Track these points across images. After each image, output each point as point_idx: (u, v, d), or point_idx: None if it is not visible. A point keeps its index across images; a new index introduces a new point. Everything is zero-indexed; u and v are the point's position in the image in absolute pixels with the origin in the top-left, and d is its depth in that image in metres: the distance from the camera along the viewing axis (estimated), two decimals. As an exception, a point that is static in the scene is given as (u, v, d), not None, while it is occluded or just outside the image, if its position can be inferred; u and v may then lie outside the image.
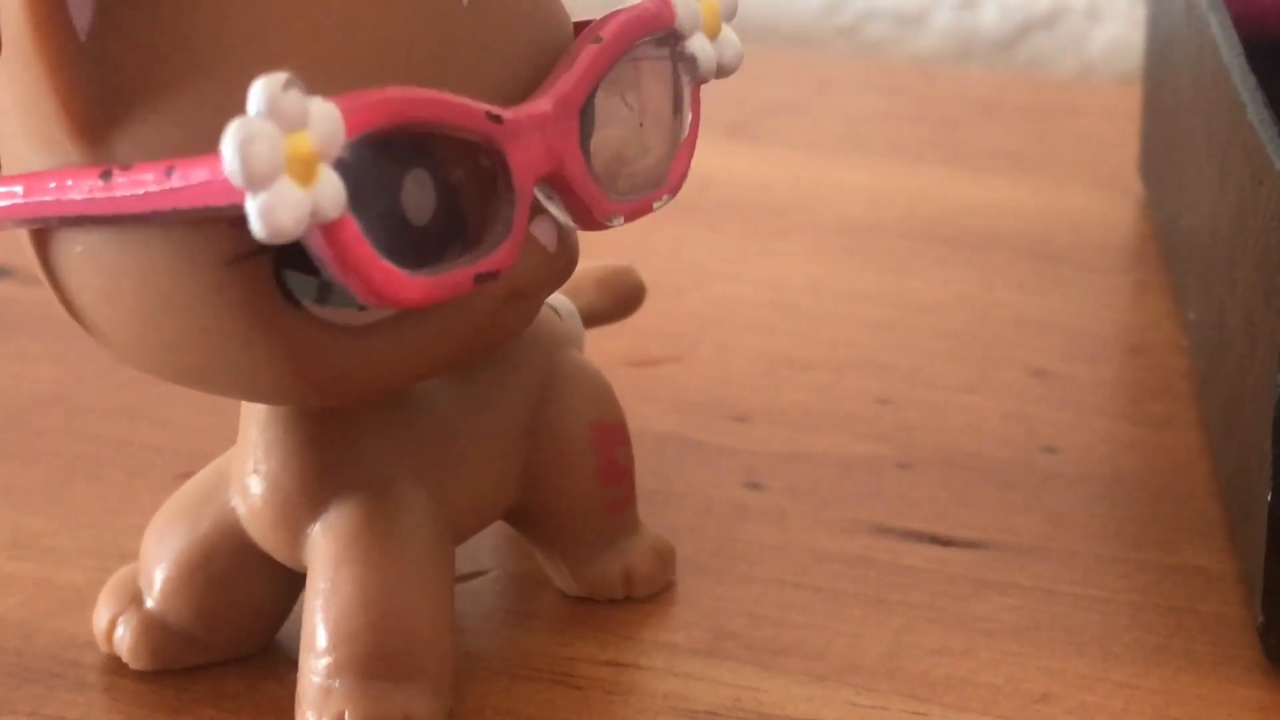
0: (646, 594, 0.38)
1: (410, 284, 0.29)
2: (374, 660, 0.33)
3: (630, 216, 0.32)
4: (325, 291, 0.29)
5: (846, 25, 0.76)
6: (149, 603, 0.35)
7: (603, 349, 0.43)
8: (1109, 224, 0.55)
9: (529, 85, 0.31)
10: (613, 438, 0.37)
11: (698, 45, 0.33)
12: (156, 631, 0.35)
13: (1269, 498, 0.34)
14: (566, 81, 0.31)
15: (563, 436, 0.36)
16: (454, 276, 0.29)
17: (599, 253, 0.40)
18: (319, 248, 0.28)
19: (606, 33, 0.31)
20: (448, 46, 0.30)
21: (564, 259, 0.32)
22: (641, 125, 0.33)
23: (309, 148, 0.27)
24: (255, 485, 0.34)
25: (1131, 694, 0.35)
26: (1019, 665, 0.36)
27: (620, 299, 0.43)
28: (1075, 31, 0.74)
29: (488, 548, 0.39)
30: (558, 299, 0.39)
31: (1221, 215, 0.40)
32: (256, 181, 0.26)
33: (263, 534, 0.34)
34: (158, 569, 0.35)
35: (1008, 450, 0.43)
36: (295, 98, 0.27)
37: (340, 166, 0.27)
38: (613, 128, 0.32)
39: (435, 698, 0.33)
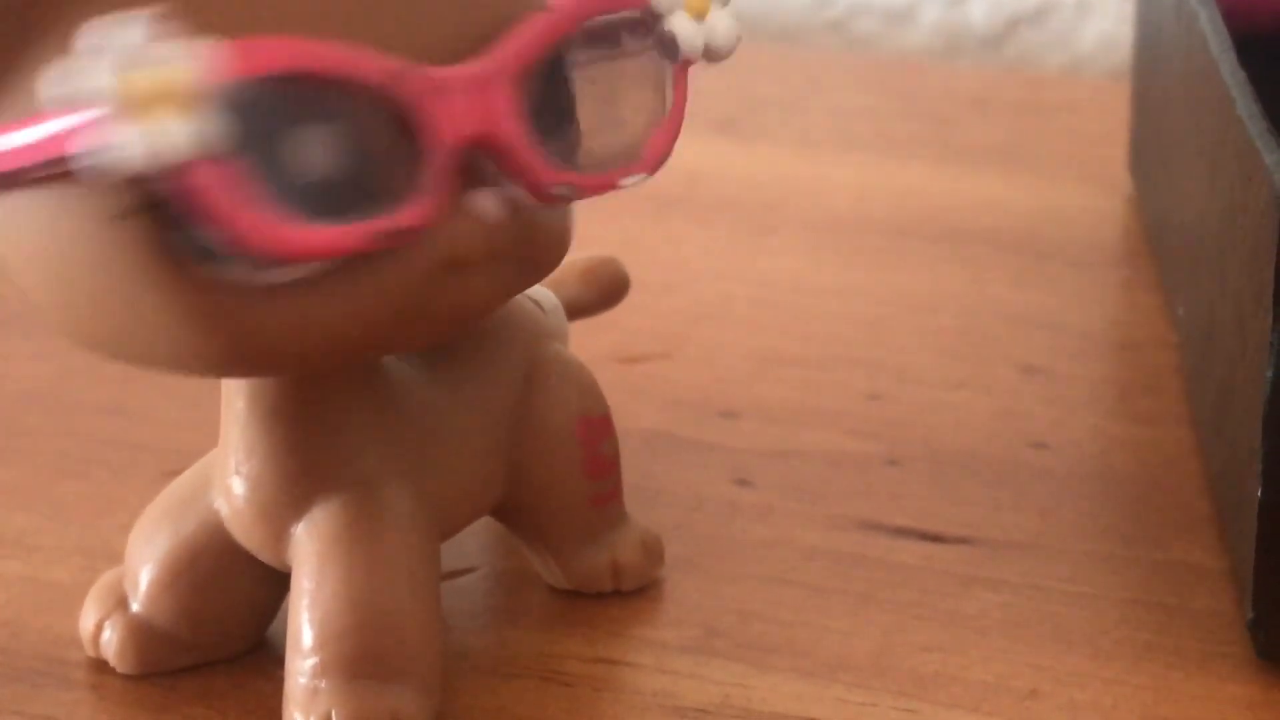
0: (635, 587, 0.37)
1: (294, 235, 0.28)
2: (360, 659, 0.32)
3: (591, 190, 0.32)
4: (208, 250, 0.29)
5: (835, 21, 0.76)
6: (135, 606, 0.35)
7: (590, 345, 0.42)
8: (1099, 220, 0.55)
9: (473, 47, 0.30)
10: (598, 431, 0.37)
11: (678, 25, 0.32)
12: (143, 634, 0.35)
13: (1259, 493, 0.34)
14: (507, 46, 0.30)
15: (547, 431, 0.36)
16: (353, 230, 0.29)
17: (586, 249, 0.40)
18: (204, 190, 0.27)
19: (559, 2, 0.31)
20: (377, 4, 0.29)
21: (519, 232, 0.31)
22: (612, 102, 0.32)
23: (190, 79, 0.26)
24: (238, 486, 0.34)
25: (1121, 690, 0.35)
26: (1008, 662, 0.36)
27: (604, 290, 0.42)
28: (1064, 27, 0.74)
29: (475, 545, 0.39)
30: (540, 292, 0.39)
31: (1211, 211, 0.40)
32: (133, 108, 0.26)
33: (246, 534, 0.34)
34: (143, 572, 0.35)
35: (997, 446, 0.43)
36: (143, 35, 0.26)
37: (234, 108, 0.27)
38: (567, 99, 0.32)
39: (423, 696, 0.33)
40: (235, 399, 0.33)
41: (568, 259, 0.34)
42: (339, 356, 0.31)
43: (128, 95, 0.26)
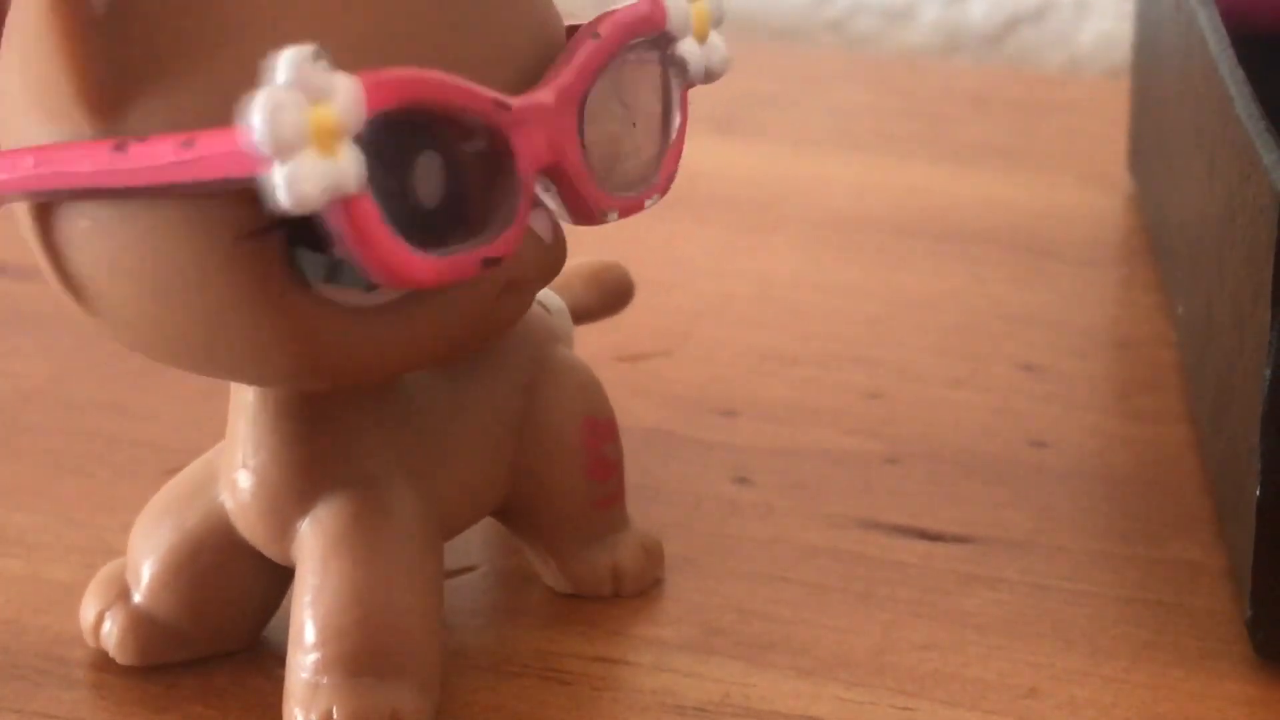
0: (635, 591, 0.37)
1: (420, 264, 0.29)
2: (362, 657, 0.32)
3: (624, 213, 0.33)
4: (334, 271, 0.30)
5: (835, 19, 0.76)
6: (136, 598, 0.35)
7: (591, 344, 0.43)
8: (1097, 218, 0.55)
9: (530, 78, 0.31)
10: (602, 433, 0.37)
11: (688, 49, 0.33)
12: (144, 627, 0.35)
13: (1257, 492, 0.34)
14: (567, 75, 0.31)
15: (551, 432, 0.36)
16: (461, 260, 0.29)
17: (588, 248, 0.40)
18: (336, 222, 0.28)
19: (604, 29, 0.32)
20: (459, 32, 0.30)
21: (558, 252, 0.32)
22: (635, 125, 0.33)
23: (334, 120, 0.27)
24: (243, 480, 0.34)
25: (1120, 688, 0.35)
26: (1007, 660, 0.36)
27: (609, 295, 0.43)
28: (1064, 25, 0.74)
29: (476, 543, 0.39)
30: (547, 295, 0.39)
31: (1210, 209, 0.40)
32: (282, 151, 0.27)
33: (251, 529, 0.34)
34: (145, 564, 0.35)
35: (996, 445, 0.43)
36: (322, 69, 0.27)
37: (358, 143, 0.27)
38: (607, 125, 0.32)
39: (422, 694, 0.33)
40: (244, 394, 0.34)
41: (574, 263, 0.35)
42: (406, 369, 0.33)
43: (277, 137, 0.27)
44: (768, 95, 0.66)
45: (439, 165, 0.30)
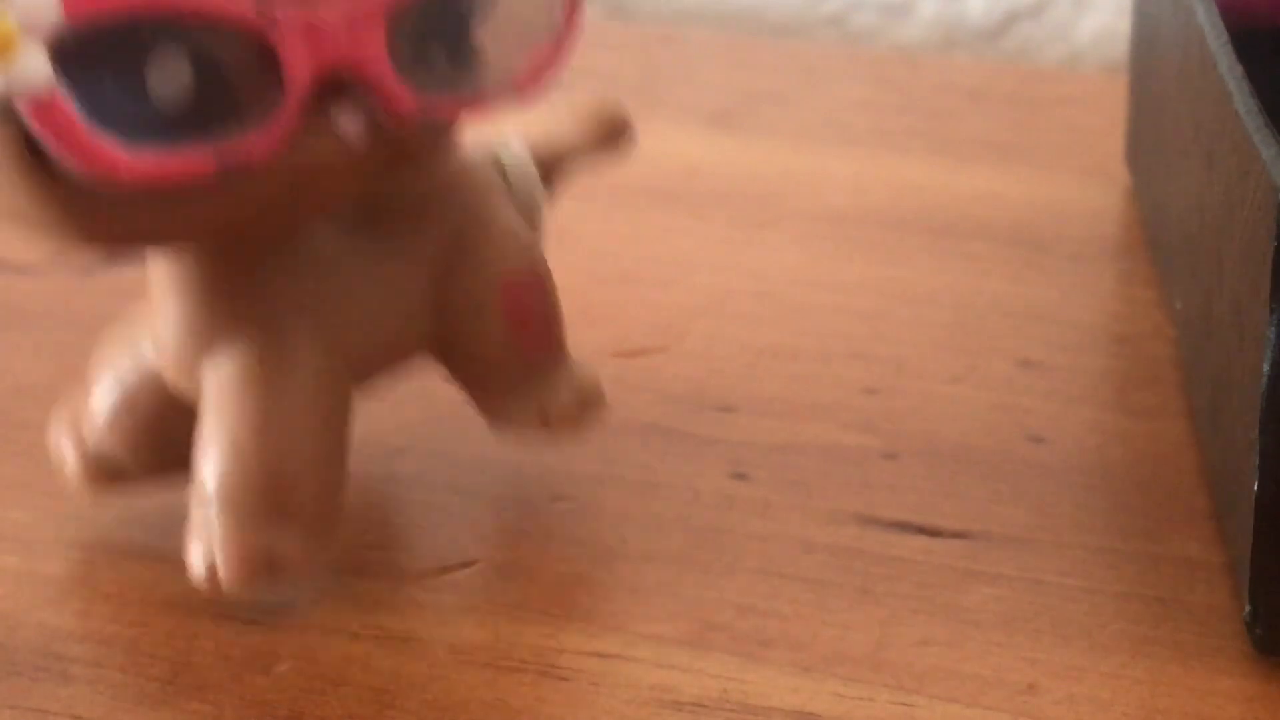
0: (568, 430, 0.38)
1: (128, 161, 0.30)
2: (249, 499, 0.34)
3: (453, 112, 0.34)
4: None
5: (833, 14, 0.76)
6: (89, 440, 0.38)
7: (588, 339, 0.43)
8: (1096, 213, 0.55)
9: None
10: (527, 289, 0.38)
11: None
12: (96, 465, 0.38)
13: (1255, 487, 0.34)
14: None
15: (472, 284, 0.37)
16: (187, 156, 0.31)
17: (585, 240, 0.40)
18: (33, 121, 0.29)
19: None
20: None
21: (386, 144, 0.33)
22: (497, 26, 0.34)
23: (8, 27, 0.29)
24: (159, 328, 0.36)
25: (1118, 684, 0.35)
26: (1006, 656, 0.36)
27: (604, 130, 0.42)
28: (1062, 20, 0.74)
29: (473, 537, 0.39)
30: (510, 156, 0.40)
31: (1208, 205, 0.40)
32: None
33: (168, 375, 0.36)
34: (96, 413, 0.38)
35: (994, 440, 0.43)
36: None
37: (64, 44, 0.29)
38: (464, 23, 0.34)
39: (310, 539, 0.34)
40: (158, 250, 0.35)
41: (568, 102, 0.36)
42: (209, 240, 0.34)
43: None
44: (766, 91, 0.66)
45: (184, 65, 0.31)
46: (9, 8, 0.29)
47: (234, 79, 0.31)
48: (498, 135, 0.40)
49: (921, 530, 0.40)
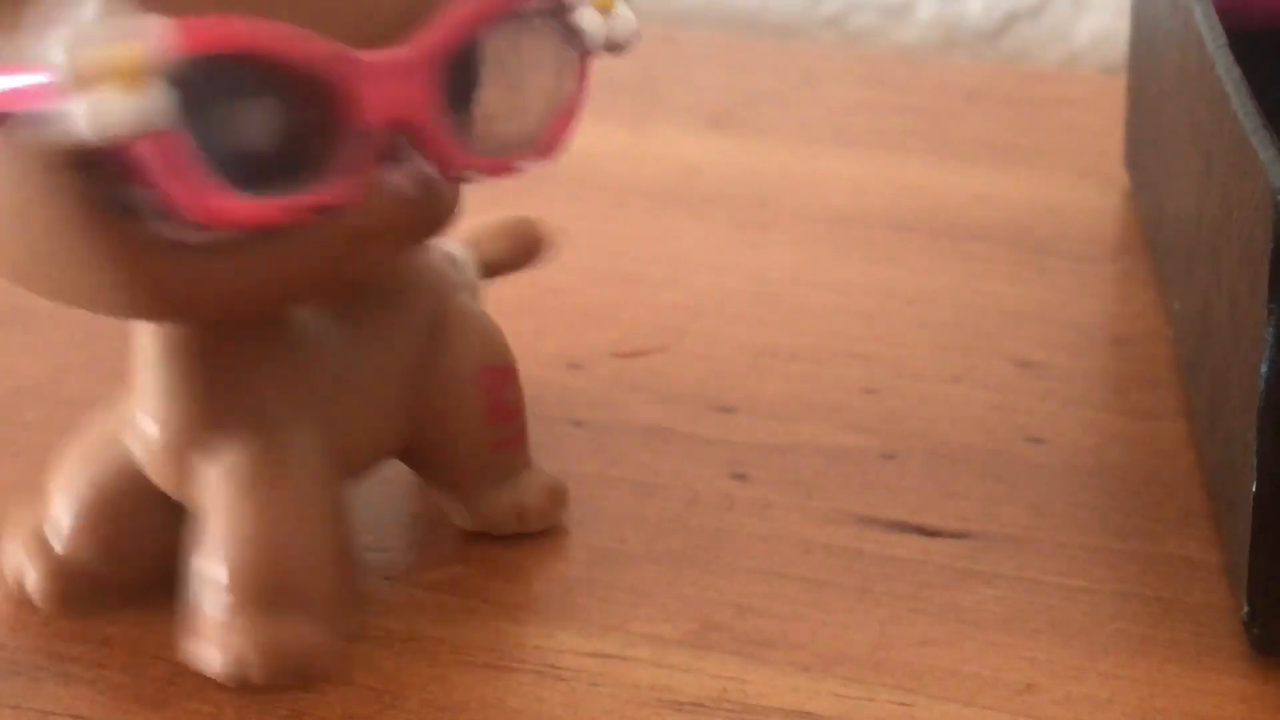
0: (539, 529, 0.38)
1: (233, 205, 0.30)
2: (270, 594, 0.34)
3: (491, 173, 0.33)
4: (136, 206, 0.30)
5: (832, 15, 0.76)
6: (57, 548, 0.36)
7: (588, 340, 0.43)
8: (1094, 214, 0.55)
9: (393, 33, 0.31)
10: (500, 379, 0.38)
11: (586, 18, 0.34)
12: (65, 575, 0.36)
13: (1254, 488, 0.34)
14: (430, 32, 0.31)
15: (449, 378, 0.37)
16: (285, 203, 0.30)
17: (584, 241, 0.40)
18: (144, 157, 0.29)
19: None
20: None
21: (429, 207, 0.33)
22: (516, 88, 0.34)
23: (138, 57, 0.28)
24: (147, 426, 0.35)
25: (1117, 684, 0.35)
26: (1004, 655, 0.36)
27: (520, 248, 0.44)
28: (1060, 21, 0.74)
29: (474, 537, 0.39)
30: (455, 247, 0.41)
31: (1206, 206, 0.40)
32: (83, 83, 0.27)
33: (158, 474, 0.35)
34: (63, 516, 0.36)
35: (993, 441, 0.43)
36: (129, 9, 0.28)
37: (177, 83, 0.28)
38: (489, 85, 0.33)
39: (331, 626, 0.34)
40: (144, 340, 0.35)
41: (487, 219, 0.37)
42: (249, 311, 0.33)
43: (78, 71, 0.27)
44: (765, 91, 0.66)
45: (272, 112, 0.30)
46: (137, 38, 0.28)
47: (305, 128, 0.31)
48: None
49: (920, 530, 0.40)
